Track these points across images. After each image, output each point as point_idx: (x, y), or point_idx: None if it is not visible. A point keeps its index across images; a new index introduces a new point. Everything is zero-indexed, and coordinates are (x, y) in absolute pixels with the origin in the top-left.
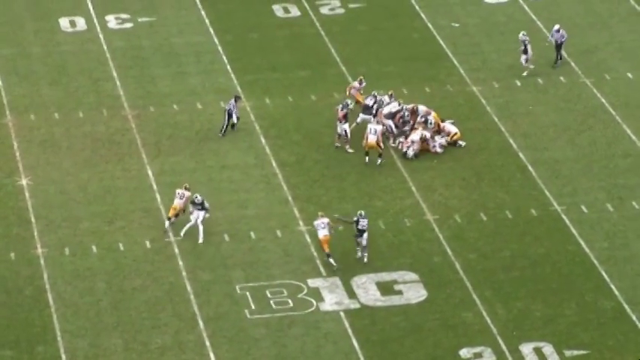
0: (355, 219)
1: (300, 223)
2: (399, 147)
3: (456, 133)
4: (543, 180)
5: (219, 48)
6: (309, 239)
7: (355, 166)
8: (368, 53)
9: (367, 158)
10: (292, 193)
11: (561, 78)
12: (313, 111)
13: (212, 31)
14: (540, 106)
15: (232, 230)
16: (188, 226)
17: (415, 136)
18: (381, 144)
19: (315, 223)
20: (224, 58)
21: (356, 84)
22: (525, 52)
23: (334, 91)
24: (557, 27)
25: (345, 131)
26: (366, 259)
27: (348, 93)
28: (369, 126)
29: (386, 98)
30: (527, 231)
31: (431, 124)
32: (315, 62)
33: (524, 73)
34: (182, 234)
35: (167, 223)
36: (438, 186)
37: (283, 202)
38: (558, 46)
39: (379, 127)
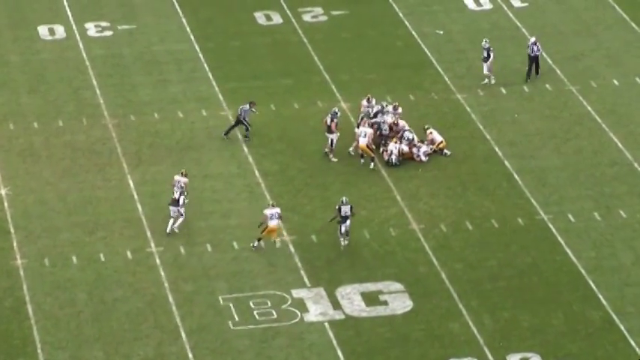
0: (337, 206)
1: (284, 232)
2: (383, 156)
3: (441, 142)
4: (529, 189)
5: (201, 56)
6: (292, 249)
7: (339, 175)
8: (351, 61)
9: (362, 160)
10: (276, 203)
11: (547, 85)
12: (296, 119)
13: (193, 39)
14: (526, 113)
15: (215, 240)
16: (173, 224)
17: (394, 148)
18: (372, 147)
19: (268, 212)
20: (205, 66)
21: (364, 102)
22: (487, 59)
23: (317, 99)
24: (533, 39)
25: (332, 141)
26: (346, 242)
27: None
28: (361, 129)
29: (389, 108)
30: (513, 240)
31: (407, 139)
32: (298, 70)
33: (485, 81)
34: (167, 231)
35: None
36: (423, 195)
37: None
38: (533, 60)
39: (369, 131)
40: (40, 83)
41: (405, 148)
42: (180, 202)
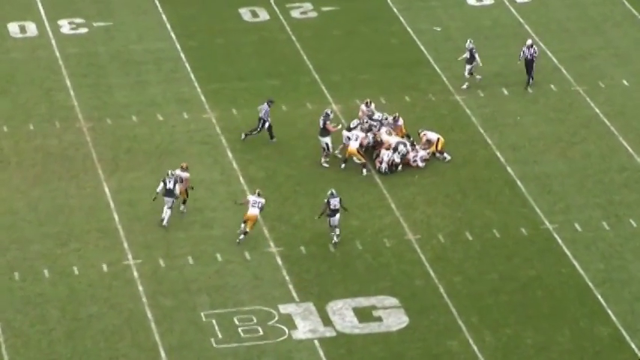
0: (325, 199)
1: (271, 244)
2: (375, 163)
3: (438, 140)
4: (533, 196)
5: (182, 55)
6: (280, 261)
7: (330, 182)
8: (342, 60)
9: (343, 165)
10: (262, 212)
11: (552, 86)
12: (284, 122)
13: (174, 37)
14: (529, 116)
15: (197, 252)
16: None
17: (385, 156)
18: (362, 152)
19: (251, 198)
20: (187, 65)
21: (363, 107)
22: (471, 61)
23: (307, 101)
24: (529, 42)
25: (327, 145)
26: (336, 239)
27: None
28: (353, 132)
29: (389, 119)
30: (516, 251)
31: (401, 153)
32: (286, 70)
33: (465, 86)
34: (165, 224)
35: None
36: (420, 203)
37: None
38: (529, 64)
39: (361, 134)
40: (9, 84)
41: (397, 160)
42: (176, 190)
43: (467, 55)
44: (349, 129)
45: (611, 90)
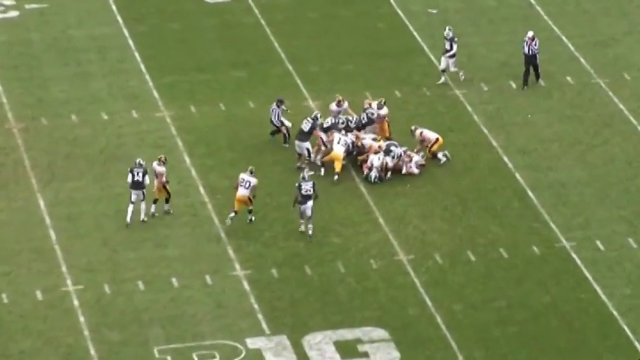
0: (297, 184)
1: (237, 266)
2: (362, 169)
3: (437, 140)
4: (547, 208)
5: (131, 42)
6: (247, 287)
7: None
8: (321, 48)
9: (323, 170)
10: (226, 228)
11: (568, 78)
12: (252, 122)
13: (120, 21)
14: (542, 113)
15: (148, 276)
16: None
17: (375, 160)
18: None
19: (242, 176)
20: (136, 54)
21: (333, 106)
22: (447, 52)
23: (279, 97)
24: (531, 34)
25: (308, 150)
26: (311, 232)
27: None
28: (337, 135)
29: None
30: (527, 274)
31: (395, 156)
32: (254, 60)
33: (442, 80)
34: (128, 220)
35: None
36: (413, 217)
37: (214, 240)
38: (531, 60)
39: (349, 139)
40: None
41: (390, 163)
42: (146, 181)
43: (447, 45)
44: (324, 129)
45: (637, 83)
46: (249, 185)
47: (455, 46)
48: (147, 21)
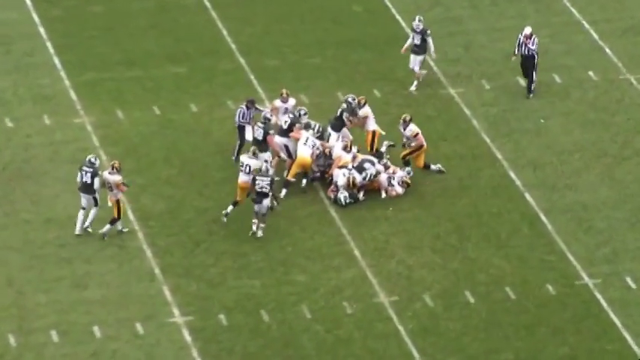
0: (252, 177)
1: (175, 311)
2: (328, 193)
3: (417, 134)
4: (564, 237)
5: (41, 30)
6: (188, 337)
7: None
8: (281, 36)
9: (285, 191)
10: (161, 263)
11: (590, 74)
12: (194, 130)
13: (29, 3)
14: (558, 117)
15: (64, 324)
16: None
17: (340, 177)
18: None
19: (242, 159)
20: (49, 45)
21: (278, 102)
22: (420, 50)
23: (227, 97)
24: (528, 30)
25: (268, 162)
26: (261, 233)
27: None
28: (304, 133)
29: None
30: (540, 319)
31: (366, 176)
32: (197, 52)
33: (413, 87)
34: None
35: None
36: (397, 248)
37: (146, 278)
38: (528, 62)
39: (318, 142)
40: None
41: (359, 177)
42: (96, 185)
43: (414, 40)
44: (283, 132)
45: None
46: (250, 169)
47: (430, 41)
48: (62, 3)
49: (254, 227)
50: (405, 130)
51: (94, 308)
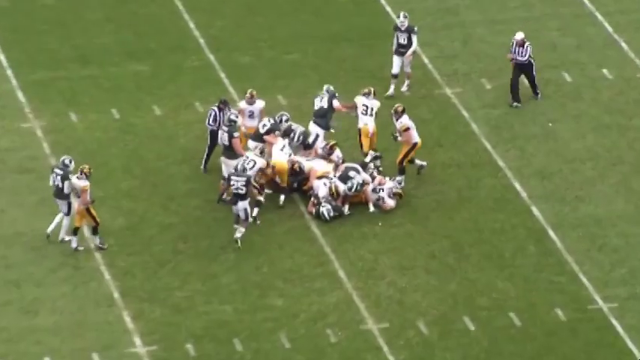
0: (226, 176)
1: (136, 340)
2: (309, 206)
3: (407, 129)
4: (576, 255)
5: None
6: None
7: (231, 235)
8: (256, 30)
9: (256, 212)
10: (121, 286)
11: (604, 71)
12: (157, 135)
13: None
14: (568, 121)
15: (12, 354)
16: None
17: (320, 188)
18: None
19: (247, 155)
20: None
21: (242, 104)
22: (404, 48)
23: (194, 98)
24: (520, 35)
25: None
26: (239, 234)
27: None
28: (280, 141)
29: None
30: (549, 348)
31: (351, 187)
32: (160, 47)
33: (405, 87)
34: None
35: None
36: (387, 269)
37: (104, 303)
38: (522, 70)
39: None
40: None
41: (342, 187)
42: (66, 189)
43: (400, 39)
44: (258, 136)
45: None
46: (254, 165)
47: (415, 40)
48: None
49: (237, 234)
50: (397, 121)
51: (45, 337)
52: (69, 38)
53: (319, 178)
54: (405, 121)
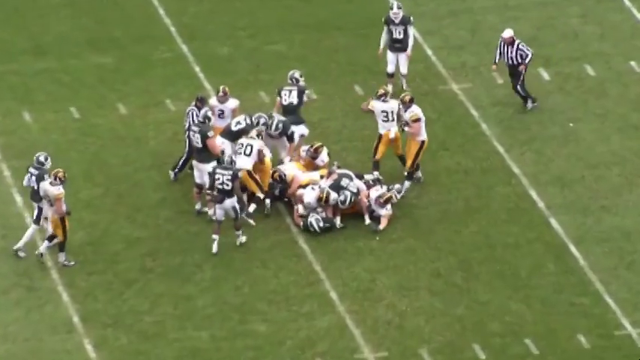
0: (212, 169)
1: None
2: (294, 217)
3: (418, 120)
4: (601, 274)
5: None
6: None
7: (210, 248)
8: (234, 17)
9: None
10: (81, 310)
11: (632, 64)
12: (123, 137)
13: None
14: (591, 121)
15: None
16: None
17: (307, 194)
18: (256, 177)
19: (241, 142)
20: None
21: (213, 101)
22: (404, 44)
23: (165, 95)
24: (509, 33)
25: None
26: (242, 239)
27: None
28: (242, 141)
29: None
30: None
31: (344, 199)
32: (126, 37)
33: (405, 87)
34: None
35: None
36: (385, 289)
37: (62, 329)
38: (514, 71)
39: (256, 143)
40: None
41: (334, 195)
42: (41, 191)
43: (394, 34)
44: (229, 133)
45: None
46: (252, 150)
47: (412, 34)
48: None
49: (214, 247)
50: (405, 111)
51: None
52: (22, 27)
53: (303, 187)
54: (416, 110)
